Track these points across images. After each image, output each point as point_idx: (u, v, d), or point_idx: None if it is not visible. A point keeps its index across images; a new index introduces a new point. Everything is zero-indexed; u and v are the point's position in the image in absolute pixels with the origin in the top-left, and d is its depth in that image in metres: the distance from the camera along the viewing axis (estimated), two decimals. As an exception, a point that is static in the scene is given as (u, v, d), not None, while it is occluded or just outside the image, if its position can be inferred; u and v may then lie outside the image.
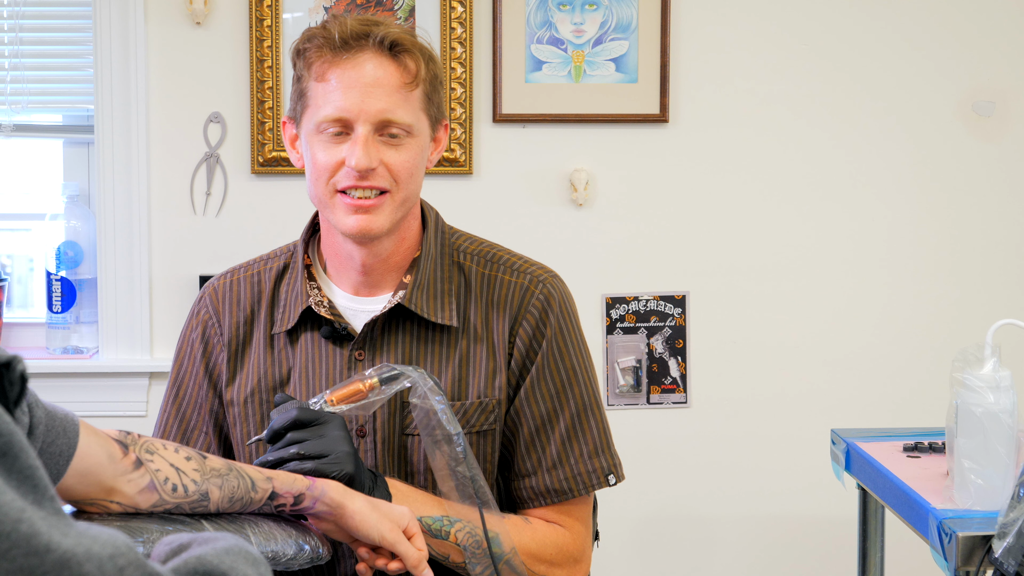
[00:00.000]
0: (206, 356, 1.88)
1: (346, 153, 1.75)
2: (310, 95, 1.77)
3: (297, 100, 1.80)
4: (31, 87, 3.10)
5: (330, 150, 1.76)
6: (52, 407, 1.42)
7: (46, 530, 0.84)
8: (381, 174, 1.75)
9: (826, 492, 3.06)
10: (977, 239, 3.17)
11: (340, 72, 1.75)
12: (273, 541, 1.55)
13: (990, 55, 3.13)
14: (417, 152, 1.78)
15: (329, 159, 1.76)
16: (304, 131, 1.79)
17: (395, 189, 1.76)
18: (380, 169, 1.75)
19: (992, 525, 1.87)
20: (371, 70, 1.75)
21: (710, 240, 3.14)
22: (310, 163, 1.79)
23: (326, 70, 1.75)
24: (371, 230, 1.76)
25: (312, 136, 1.77)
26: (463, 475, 1.66)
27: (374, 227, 1.76)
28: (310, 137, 1.78)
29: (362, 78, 1.74)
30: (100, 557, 0.86)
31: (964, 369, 1.96)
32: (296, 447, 1.63)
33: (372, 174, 1.74)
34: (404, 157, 1.76)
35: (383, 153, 1.75)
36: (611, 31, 3.07)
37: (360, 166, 1.73)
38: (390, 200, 1.76)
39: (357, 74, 1.74)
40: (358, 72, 1.74)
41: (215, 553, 0.99)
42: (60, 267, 3.12)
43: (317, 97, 1.76)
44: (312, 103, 1.77)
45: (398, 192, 1.77)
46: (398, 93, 1.75)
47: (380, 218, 1.76)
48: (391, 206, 1.77)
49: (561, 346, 1.84)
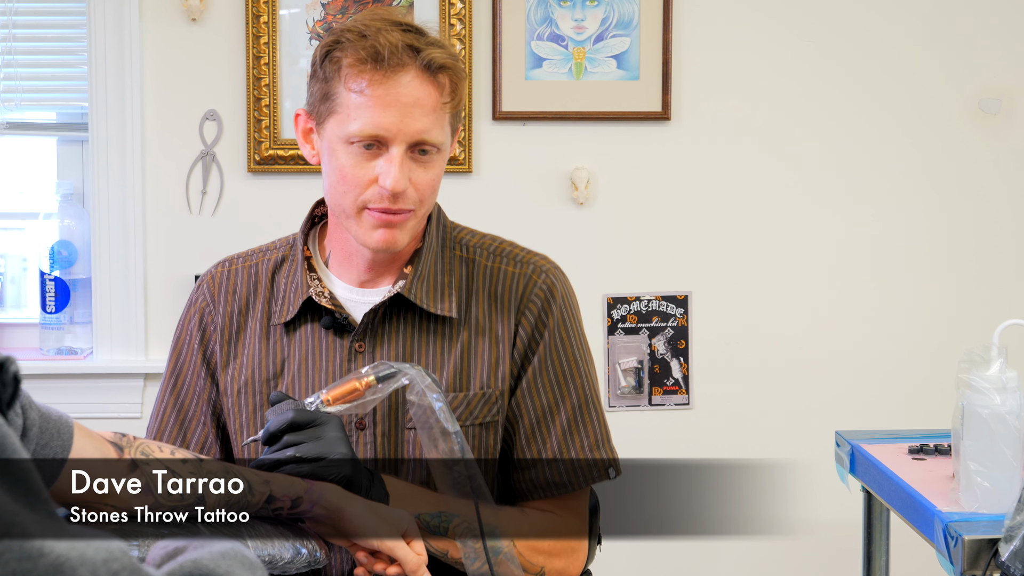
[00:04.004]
0: (203, 344, 1.88)
1: (380, 171, 1.74)
2: (339, 102, 1.75)
3: (322, 101, 1.77)
4: (24, 84, 3.09)
5: (362, 165, 1.74)
6: (46, 409, 1.41)
7: (40, 533, 0.85)
8: (410, 195, 1.75)
9: (830, 495, 3.05)
10: (982, 238, 3.17)
11: (379, 88, 1.72)
12: (270, 545, 1.55)
13: (996, 52, 3.13)
14: (442, 167, 1.79)
15: (360, 175, 1.75)
16: (329, 136, 1.77)
17: (419, 207, 1.77)
18: (409, 190, 1.75)
19: (999, 528, 1.87)
20: (412, 90, 1.73)
21: (713, 239, 3.13)
22: (335, 172, 1.77)
23: (364, 84, 1.73)
24: (395, 245, 1.78)
25: (339, 144, 1.76)
26: (460, 473, 1.66)
27: (398, 242, 1.78)
28: (336, 144, 1.76)
29: (401, 97, 1.73)
30: (94, 561, 0.86)
31: (970, 370, 1.97)
32: (293, 450, 1.63)
33: (403, 196, 1.74)
34: (431, 176, 1.77)
35: (413, 172, 1.75)
36: (612, 27, 3.07)
37: (397, 189, 1.73)
38: (413, 216, 1.78)
39: (398, 93, 1.72)
40: (399, 91, 1.73)
41: (211, 557, 1.00)
42: (54, 267, 3.11)
43: (350, 107, 1.74)
44: (342, 111, 1.74)
45: (421, 209, 1.78)
46: (434, 113, 1.75)
47: (403, 234, 1.78)
48: (414, 221, 1.78)
49: (564, 337, 1.85)
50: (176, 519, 1.52)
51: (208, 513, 1.54)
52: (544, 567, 1.82)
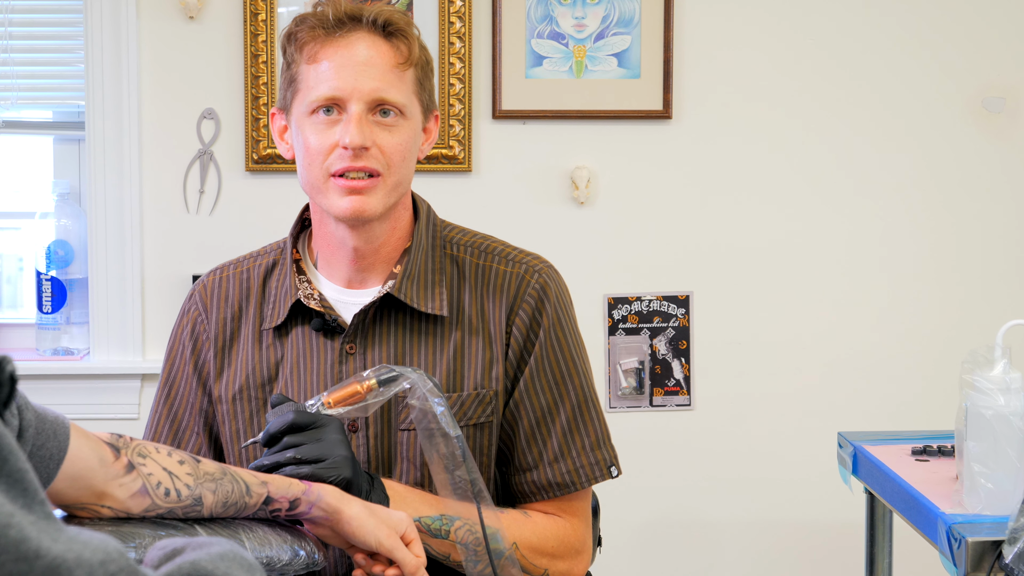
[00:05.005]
0: (195, 354, 1.88)
1: (339, 134, 1.75)
2: (301, 79, 1.78)
3: (287, 87, 1.81)
4: (21, 83, 3.08)
5: (323, 133, 1.76)
6: (42, 409, 1.41)
7: (35, 535, 0.84)
8: (374, 155, 1.76)
9: (833, 496, 3.06)
10: (985, 238, 3.17)
11: (333, 52, 1.76)
12: (268, 546, 1.54)
13: (999, 50, 3.13)
14: (409, 136, 1.79)
15: (322, 142, 1.76)
16: (295, 117, 1.80)
17: (387, 172, 1.77)
18: (373, 150, 1.75)
19: (1002, 530, 1.87)
20: (364, 50, 1.76)
21: (715, 239, 3.13)
22: (302, 148, 1.79)
23: (318, 51, 1.77)
24: (365, 212, 1.76)
25: (303, 120, 1.78)
26: (462, 478, 1.66)
27: (368, 209, 1.76)
28: (301, 122, 1.78)
29: (355, 57, 1.76)
30: (91, 563, 0.85)
31: (974, 371, 1.96)
32: (293, 451, 1.63)
33: (365, 154, 1.75)
34: (397, 140, 1.77)
35: (376, 135, 1.76)
36: (613, 25, 3.06)
37: (354, 143, 1.73)
38: (382, 183, 1.77)
39: (350, 53, 1.76)
40: (351, 52, 1.76)
41: (209, 558, 0.99)
42: (50, 267, 3.11)
43: (309, 79, 1.77)
44: (303, 86, 1.78)
45: (390, 176, 1.77)
46: (391, 73, 1.77)
47: (373, 200, 1.76)
48: (384, 189, 1.77)
49: (559, 336, 1.85)
50: (173, 520, 1.52)
51: (206, 514, 1.53)
52: (548, 569, 1.82)
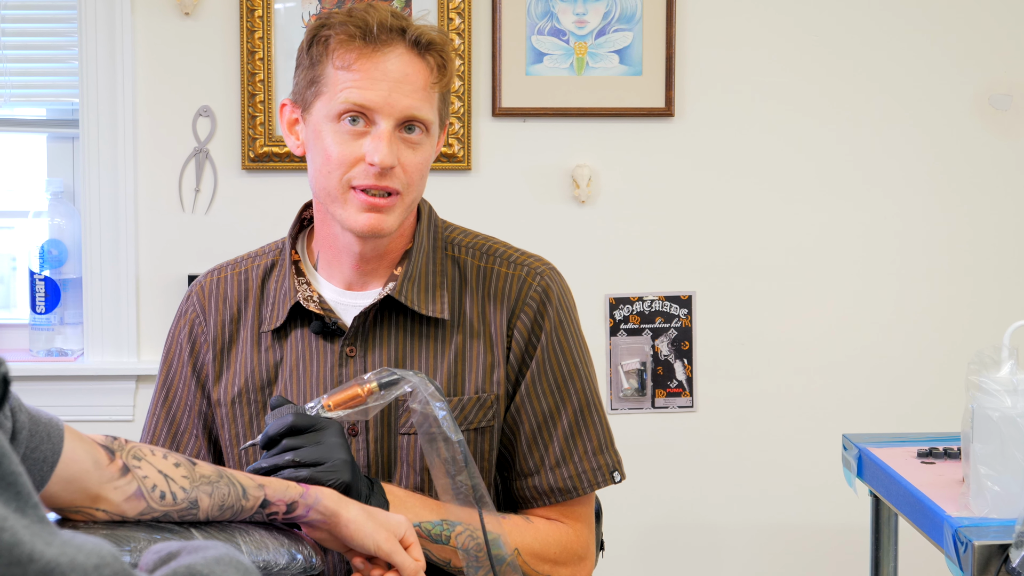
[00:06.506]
0: (194, 356, 1.87)
1: (367, 148, 1.73)
2: (327, 81, 1.75)
3: (308, 86, 1.78)
4: (14, 80, 3.08)
5: (347, 144, 1.74)
6: (36, 411, 1.41)
7: (29, 539, 0.84)
8: (397, 174, 1.74)
9: (837, 499, 3.07)
10: (992, 238, 3.18)
11: (368, 62, 1.73)
12: (264, 550, 1.54)
13: (1006, 47, 3.14)
14: (430, 153, 1.79)
15: (345, 153, 1.74)
16: (315, 118, 1.77)
17: (406, 191, 1.76)
18: (397, 169, 1.74)
19: (1009, 533, 1.87)
20: (402, 65, 1.74)
21: (717, 238, 3.13)
22: (320, 154, 1.76)
23: (353, 59, 1.74)
24: (382, 230, 1.75)
25: (324, 123, 1.75)
26: (463, 483, 1.65)
27: (384, 227, 1.75)
28: (322, 125, 1.76)
29: (391, 72, 1.74)
30: (85, 567, 0.86)
31: (980, 372, 1.96)
32: (291, 454, 1.62)
33: (390, 173, 1.73)
34: (419, 159, 1.76)
35: (401, 152, 1.75)
36: (615, 22, 3.06)
37: (385, 163, 1.72)
38: (400, 202, 1.76)
39: (387, 67, 1.73)
40: (388, 65, 1.74)
41: (205, 562, 0.99)
42: (44, 266, 3.10)
43: (337, 84, 1.74)
44: (329, 89, 1.75)
45: (408, 194, 1.77)
46: (424, 91, 1.75)
47: (390, 219, 1.75)
48: (401, 207, 1.76)
49: (561, 339, 1.84)
50: (169, 524, 1.52)
51: (202, 518, 1.53)
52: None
